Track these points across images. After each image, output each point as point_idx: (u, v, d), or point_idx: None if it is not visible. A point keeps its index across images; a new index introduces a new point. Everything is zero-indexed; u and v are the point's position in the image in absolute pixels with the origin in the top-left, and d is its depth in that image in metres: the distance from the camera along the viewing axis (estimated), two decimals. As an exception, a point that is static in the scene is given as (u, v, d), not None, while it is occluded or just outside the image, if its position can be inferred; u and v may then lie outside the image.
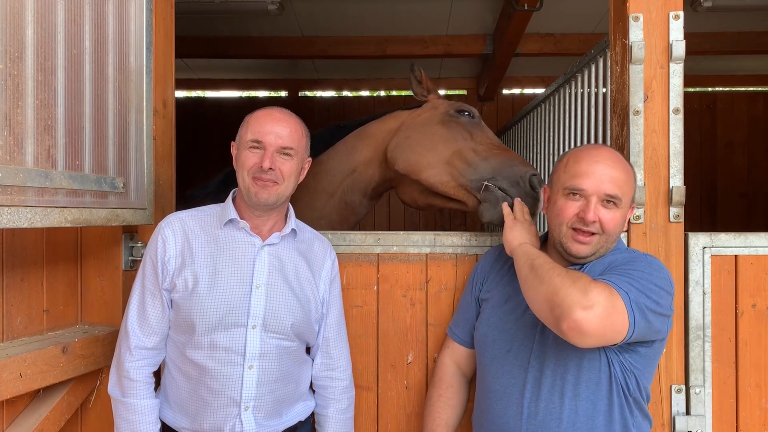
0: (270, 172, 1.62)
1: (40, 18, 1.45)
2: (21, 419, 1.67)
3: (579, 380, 1.52)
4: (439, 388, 1.84)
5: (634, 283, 1.44)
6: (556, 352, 1.54)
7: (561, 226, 1.60)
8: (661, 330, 1.50)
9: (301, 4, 4.16)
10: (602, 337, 1.38)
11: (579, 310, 1.34)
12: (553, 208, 1.65)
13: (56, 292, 1.86)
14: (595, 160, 1.58)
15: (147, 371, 1.65)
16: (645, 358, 1.53)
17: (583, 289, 1.37)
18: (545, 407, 1.54)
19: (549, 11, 3.85)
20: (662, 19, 1.95)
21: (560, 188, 1.62)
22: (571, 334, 1.36)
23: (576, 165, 1.60)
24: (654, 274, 1.50)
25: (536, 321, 1.56)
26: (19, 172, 1.37)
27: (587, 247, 1.57)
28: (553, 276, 1.44)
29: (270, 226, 1.72)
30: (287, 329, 1.64)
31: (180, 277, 1.61)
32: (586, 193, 1.56)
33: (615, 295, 1.38)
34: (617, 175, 1.56)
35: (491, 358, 1.68)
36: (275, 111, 1.70)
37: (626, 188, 1.58)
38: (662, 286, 1.49)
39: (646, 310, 1.42)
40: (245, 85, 6.29)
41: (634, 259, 1.56)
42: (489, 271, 1.85)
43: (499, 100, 6.08)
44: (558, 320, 1.37)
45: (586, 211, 1.55)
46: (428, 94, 2.56)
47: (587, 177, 1.56)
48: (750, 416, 1.92)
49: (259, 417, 1.61)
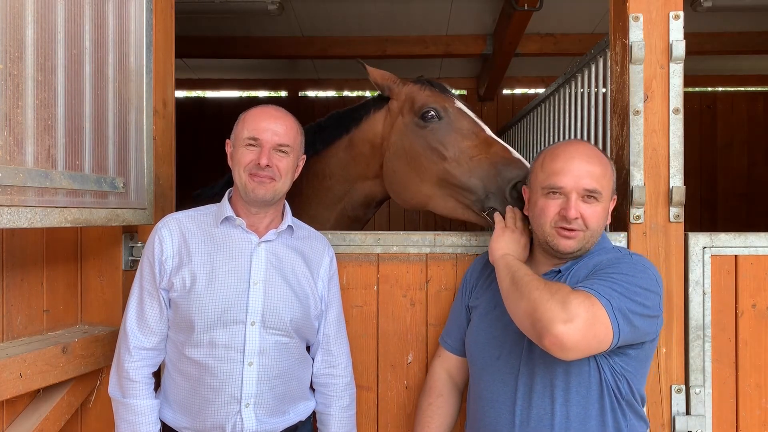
0: (267, 168, 1.62)
1: (40, 18, 1.45)
2: (21, 419, 1.67)
3: (569, 385, 1.51)
4: (429, 396, 1.83)
5: (617, 288, 1.42)
6: (544, 359, 1.52)
7: (544, 226, 1.59)
8: (649, 332, 1.48)
9: (301, 4, 4.16)
10: (585, 349, 1.37)
11: (559, 325, 1.32)
12: (534, 208, 1.64)
13: (56, 292, 1.86)
14: (571, 156, 1.57)
15: (146, 372, 1.65)
16: (636, 360, 1.51)
17: (562, 302, 1.35)
18: (537, 414, 1.52)
19: (549, 11, 3.85)
20: (662, 19, 1.95)
21: (539, 188, 1.62)
22: (553, 349, 1.35)
23: (552, 163, 1.59)
24: (638, 275, 1.48)
25: None
26: (19, 172, 1.37)
27: (573, 241, 1.56)
28: (532, 290, 1.42)
29: (267, 223, 1.72)
30: (286, 325, 1.65)
31: (177, 276, 1.62)
32: (565, 190, 1.55)
33: (596, 305, 1.37)
34: (594, 169, 1.56)
35: (482, 366, 1.67)
36: (271, 108, 1.70)
37: (605, 181, 1.57)
38: (647, 287, 1.47)
39: (630, 315, 1.40)
40: (245, 85, 6.29)
41: (618, 261, 1.54)
42: (478, 277, 1.84)
43: (499, 100, 6.08)
44: (540, 336, 1.36)
45: (567, 208, 1.54)
46: (391, 89, 2.33)
47: (565, 174, 1.55)
48: (750, 416, 1.92)
49: (260, 414, 1.61)
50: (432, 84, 2.25)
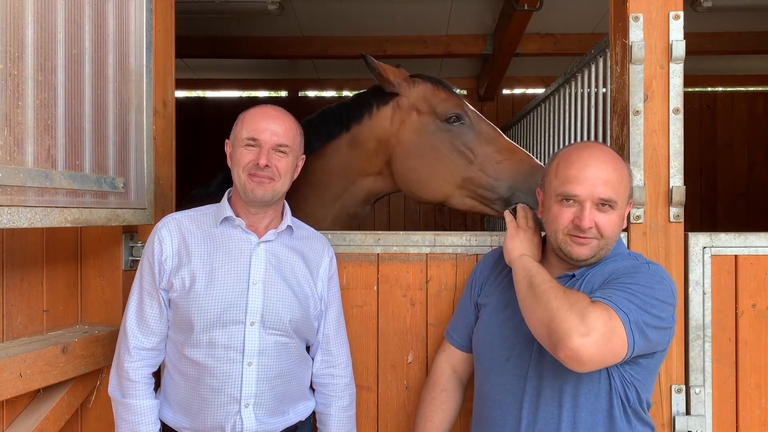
0: (266, 169, 1.62)
1: (40, 18, 1.45)
2: (21, 419, 1.67)
3: (578, 392, 1.50)
4: (433, 390, 1.82)
5: (635, 300, 1.40)
6: (555, 363, 1.49)
7: (557, 233, 1.56)
8: (661, 342, 1.47)
9: (301, 4, 4.15)
10: (601, 362, 1.35)
11: (576, 338, 1.30)
12: (547, 214, 1.61)
13: (56, 292, 1.86)
14: (586, 163, 1.52)
15: (146, 372, 1.65)
16: (646, 369, 1.50)
17: (581, 315, 1.33)
18: (543, 417, 1.52)
19: (549, 11, 3.84)
20: (662, 19, 1.95)
21: (552, 194, 1.58)
22: (568, 362, 1.33)
23: (567, 169, 1.54)
24: (656, 287, 1.45)
25: None
26: (19, 172, 1.37)
27: (587, 248, 1.53)
28: (551, 298, 1.40)
29: (266, 223, 1.72)
30: (286, 325, 1.65)
31: (177, 277, 1.62)
32: (579, 198, 1.51)
33: (614, 318, 1.35)
34: (610, 177, 1.51)
35: (490, 366, 1.66)
36: (270, 108, 1.70)
37: (621, 189, 1.53)
38: (664, 299, 1.45)
39: (645, 328, 1.39)
40: (245, 85, 6.29)
41: (636, 270, 1.51)
42: (488, 275, 1.82)
43: (499, 100, 6.07)
44: (555, 347, 1.34)
45: (581, 218, 1.50)
46: (401, 86, 2.38)
47: (579, 182, 1.51)
48: (750, 416, 1.92)
49: (260, 414, 1.61)
50: (443, 84, 2.39)
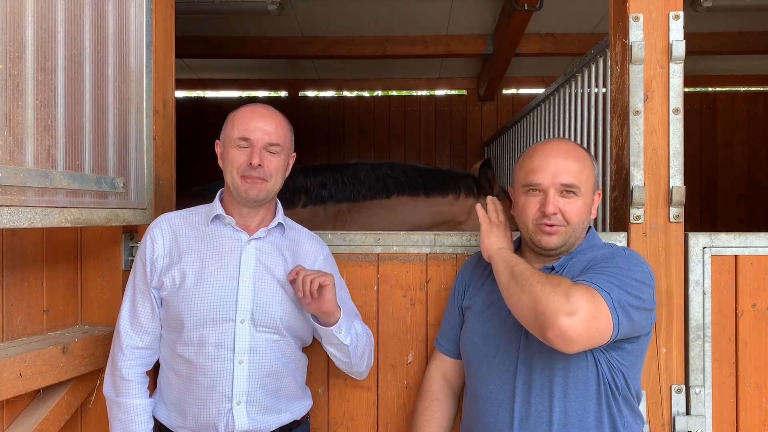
0: (258, 169, 1.63)
1: (40, 18, 1.45)
2: (21, 419, 1.67)
3: (567, 381, 1.51)
4: (425, 400, 1.82)
5: (614, 281, 1.44)
6: (542, 355, 1.53)
7: (527, 223, 1.62)
8: (644, 325, 1.51)
9: (301, 4, 4.15)
10: (588, 341, 1.38)
11: (563, 317, 1.33)
12: (516, 207, 1.68)
13: (56, 292, 1.86)
14: (546, 153, 1.61)
15: (140, 371, 1.66)
16: (631, 354, 1.53)
17: (565, 295, 1.36)
18: (536, 410, 1.53)
19: (549, 11, 3.85)
20: (662, 19, 1.95)
21: (519, 186, 1.65)
22: (557, 342, 1.35)
23: (530, 161, 1.63)
24: (633, 268, 1.50)
25: (520, 325, 1.54)
26: (19, 172, 1.37)
27: (555, 237, 1.58)
28: (534, 283, 1.43)
29: (258, 222, 1.72)
30: (276, 323, 1.65)
31: (168, 275, 1.63)
32: (542, 186, 1.58)
33: (597, 297, 1.38)
34: (571, 165, 1.58)
35: (478, 365, 1.67)
36: (260, 107, 1.70)
37: (583, 176, 1.59)
38: (642, 280, 1.49)
39: (628, 308, 1.42)
40: (245, 85, 6.29)
41: (613, 255, 1.56)
42: (470, 278, 1.83)
43: (499, 100, 6.07)
44: (543, 329, 1.37)
45: (546, 203, 1.57)
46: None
47: (541, 171, 1.58)
48: (750, 416, 1.92)
49: (252, 412, 1.61)
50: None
